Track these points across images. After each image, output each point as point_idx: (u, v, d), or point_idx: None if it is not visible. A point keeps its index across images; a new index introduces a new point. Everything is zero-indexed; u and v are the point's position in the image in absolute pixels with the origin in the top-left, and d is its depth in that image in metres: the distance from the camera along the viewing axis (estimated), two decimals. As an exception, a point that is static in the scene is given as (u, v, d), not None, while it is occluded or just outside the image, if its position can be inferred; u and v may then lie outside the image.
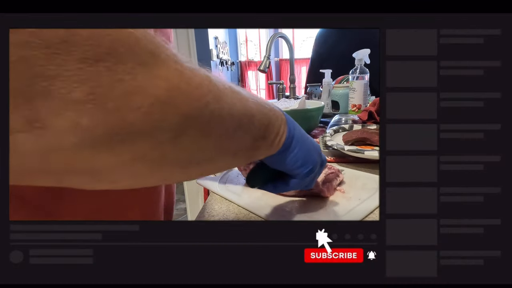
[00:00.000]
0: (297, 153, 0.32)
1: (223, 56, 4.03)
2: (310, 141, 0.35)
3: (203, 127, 0.20)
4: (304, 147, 0.33)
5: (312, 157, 0.33)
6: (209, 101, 0.20)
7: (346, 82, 0.98)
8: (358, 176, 0.53)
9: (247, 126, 0.25)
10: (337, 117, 0.83)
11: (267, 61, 1.02)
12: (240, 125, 0.24)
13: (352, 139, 0.61)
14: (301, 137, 0.33)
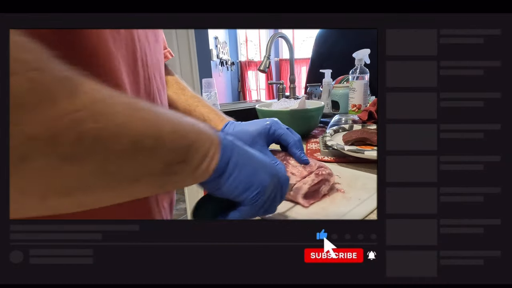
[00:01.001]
0: (237, 177, 0.29)
1: (223, 56, 4.03)
2: (258, 162, 0.31)
3: (64, 150, 0.17)
4: (247, 169, 0.29)
5: (258, 179, 0.30)
6: (78, 119, 0.17)
7: (346, 82, 0.98)
8: (358, 176, 0.53)
9: (152, 149, 0.22)
10: (337, 117, 0.83)
11: (267, 61, 1.02)
12: (140, 148, 0.21)
13: (352, 139, 0.61)
14: (242, 158, 0.30)
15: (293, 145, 0.48)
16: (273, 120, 0.48)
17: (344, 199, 0.45)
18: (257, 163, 0.31)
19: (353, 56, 0.89)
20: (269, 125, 0.47)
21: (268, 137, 0.47)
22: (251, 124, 0.49)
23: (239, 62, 4.71)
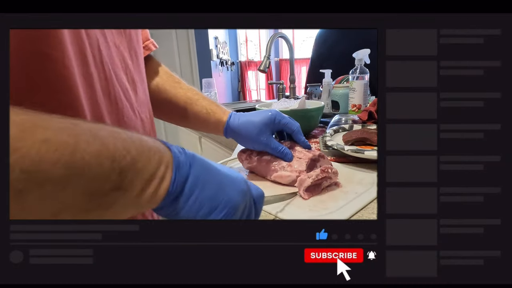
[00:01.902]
0: (198, 197, 0.24)
1: (223, 56, 4.03)
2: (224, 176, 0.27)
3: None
4: (210, 187, 0.25)
5: (225, 197, 0.26)
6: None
7: (346, 82, 0.98)
8: (356, 172, 0.54)
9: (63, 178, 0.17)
10: (337, 117, 0.83)
11: (267, 61, 1.02)
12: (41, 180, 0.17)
13: (352, 139, 0.61)
14: (204, 174, 0.25)
15: (297, 132, 0.53)
16: (275, 110, 0.52)
17: (341, 193, 0.46)
18: (222, 178, 0.27)
19: (353, 56, 0.89)
20: (273, 115, 0.51)
21: (274, 126, 0.51)
22: (255, 115, 0.51)
23: (239, 62, 4.71)
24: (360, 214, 0.40)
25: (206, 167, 0.26)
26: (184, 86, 0.55)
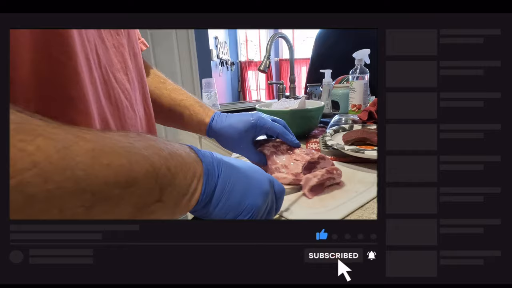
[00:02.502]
0: (225, 204, 0.27)
1: (223, 56, 4.03)
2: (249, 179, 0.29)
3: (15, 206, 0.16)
4: (235, 194, 0.28)
5: (250, 201, 0.28)
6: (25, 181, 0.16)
7: (346, 82, 0.98)
8: (356, 172, 0.55)
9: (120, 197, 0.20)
10: (337, 117, 0.83)
11: (267, 61, 1.02)
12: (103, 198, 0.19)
13: (352, 139, 0.61)
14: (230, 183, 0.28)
15: (282, 133, 0.50)
16: (257, 114, 0.50)
17: (342, 191, 0.47)
18: (247, 183, 0.29)
19: (353, 56, 0.89)
20: (255, 122, 0.49)
21: (256, 132, 0.50)
22: (238, 119, 0.50)
23: (239, 62, 4.71)
24: (360, 214, 0.40)
25: (232, 173, 0.29)
26: (170, 86, 0.55)
